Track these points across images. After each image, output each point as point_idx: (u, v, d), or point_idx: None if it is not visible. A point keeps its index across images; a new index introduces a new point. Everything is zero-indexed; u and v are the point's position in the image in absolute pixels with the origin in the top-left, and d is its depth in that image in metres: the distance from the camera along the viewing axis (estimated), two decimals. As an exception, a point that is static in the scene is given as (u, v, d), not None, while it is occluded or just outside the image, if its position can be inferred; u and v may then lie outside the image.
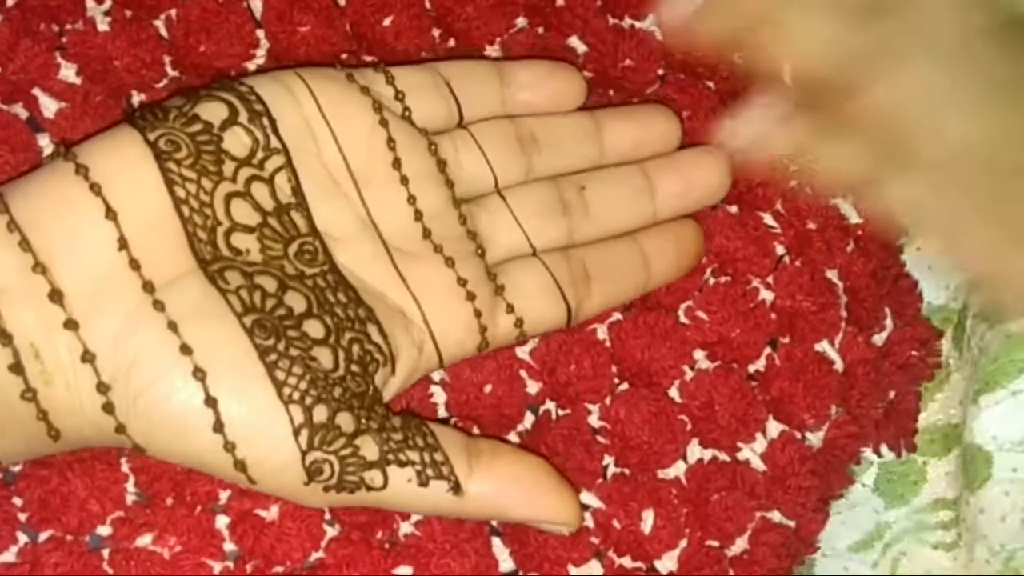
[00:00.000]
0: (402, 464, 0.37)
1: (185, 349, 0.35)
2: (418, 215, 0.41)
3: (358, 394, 0.37)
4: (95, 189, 0.36)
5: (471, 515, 0.40)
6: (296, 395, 0.36)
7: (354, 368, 0.38)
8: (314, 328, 0.37)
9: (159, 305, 0.36)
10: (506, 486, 0.39)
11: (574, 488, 0.40)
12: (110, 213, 0.36)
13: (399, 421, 0.38)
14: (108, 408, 0.35)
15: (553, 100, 0.44)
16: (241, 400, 0.36)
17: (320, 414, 0.36)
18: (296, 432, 0.36)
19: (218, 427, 0.35)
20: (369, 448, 0.37)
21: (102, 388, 0.35)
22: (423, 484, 0.37)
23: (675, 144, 0.45)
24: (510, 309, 0.41)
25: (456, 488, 0.38)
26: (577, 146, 0.43)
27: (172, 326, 0.35)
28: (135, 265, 0.36)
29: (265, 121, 0.38)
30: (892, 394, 0.48)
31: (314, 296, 0.38)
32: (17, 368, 0.34)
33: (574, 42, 0.48)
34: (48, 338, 0.35)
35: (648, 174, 0.44)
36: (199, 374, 0.35)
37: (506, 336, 0.41)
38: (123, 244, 0.36)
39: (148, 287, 0.36)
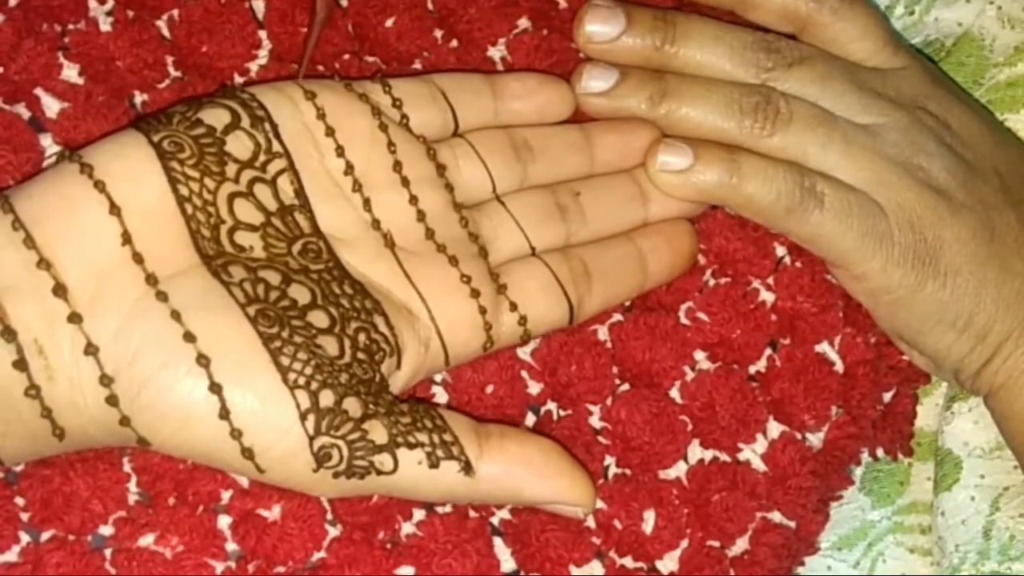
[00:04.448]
0: (411, 446, 0.37)
1: (188, 337, 0.35)
2: (420, 215, 0.41)
3: (365, 380, 0.37)
4: (99, 186, 0.36)
5: (484, 498, 0.39)
6: (301, 380, 0.36)
7: (360, 356, 0.38)
8: (319, 318, 0.37)
9: (162, 296, 0.36)
10: (517, 466, 0.39)
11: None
12: (114, 209, 0.36)
13: (407, 406, 0.38)
14: (112, 401, 0.35)
15: (544, 110, 0.44)
16: (246, 386, 0.36)
17: (326, 399, 0.36)
18: (303, 417, 0.36)
19: (223, 414, 0.35)
20: (378, 432, 0.37)
21: (105, 381, 0.35)
22: (434, 465, 0.37)
23: None
24: (513, 307, 0.41)
25: (467, 468, 0.38)
26: (569, 155, 0.44)
27: (175, 315, 0.35)
28: (138, 259, 0.36)
29: (267, 126, 0.39)
30: (888, 397, 0.48)
31: (318, 288, 0.38)
32: (21, 364, 0.34)
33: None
34: (51, 333, 0.35)
35: (638, 181, 0.44)
36: (203, 360, 0.35)
37: (510, 335, 0.41)
38: (127, 239, 0.36)
39: (151, 280, 0.36)
